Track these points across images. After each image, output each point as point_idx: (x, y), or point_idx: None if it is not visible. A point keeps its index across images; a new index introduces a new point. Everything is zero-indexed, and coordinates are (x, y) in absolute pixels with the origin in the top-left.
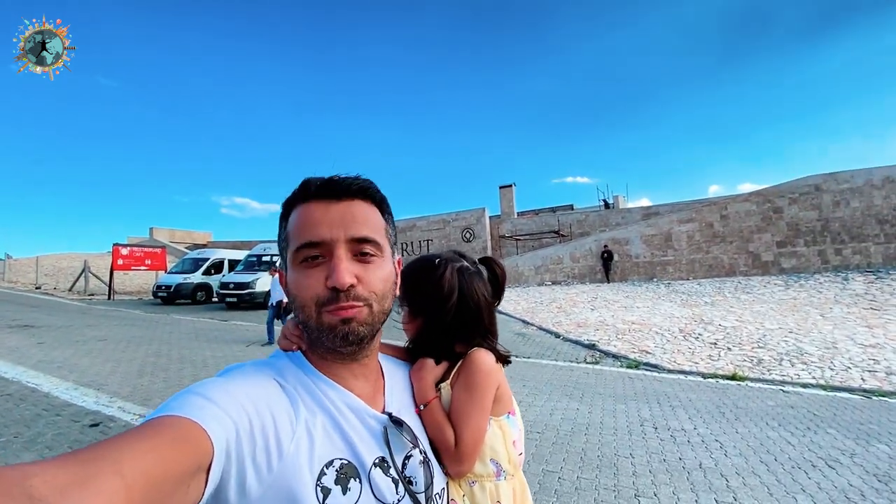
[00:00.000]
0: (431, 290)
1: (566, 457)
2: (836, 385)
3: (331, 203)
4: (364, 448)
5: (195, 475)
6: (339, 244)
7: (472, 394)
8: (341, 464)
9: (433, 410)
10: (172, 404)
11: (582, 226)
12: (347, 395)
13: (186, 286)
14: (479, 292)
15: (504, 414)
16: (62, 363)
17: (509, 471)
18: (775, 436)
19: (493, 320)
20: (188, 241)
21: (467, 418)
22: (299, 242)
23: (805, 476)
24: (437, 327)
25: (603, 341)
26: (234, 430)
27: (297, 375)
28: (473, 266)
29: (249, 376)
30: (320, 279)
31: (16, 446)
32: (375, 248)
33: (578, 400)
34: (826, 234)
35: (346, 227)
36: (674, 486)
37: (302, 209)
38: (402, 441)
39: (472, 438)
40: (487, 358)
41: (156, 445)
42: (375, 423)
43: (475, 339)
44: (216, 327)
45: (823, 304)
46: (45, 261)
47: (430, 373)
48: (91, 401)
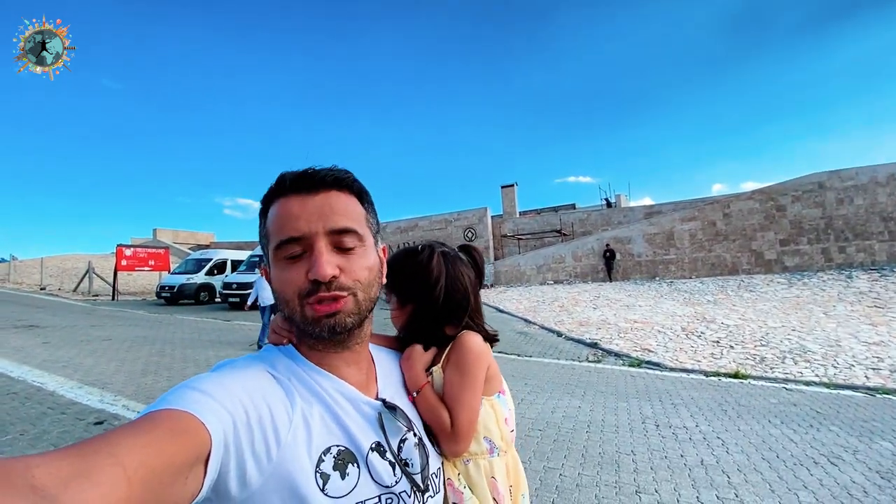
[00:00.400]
0: (419, 276)
1: (567, 454)
2: (840, 383)
3: (307, 196)
4: (360, 434)
5: (193, 467)
6: (319, 237)
7: (464, 375)
8: (339, 450)
9: (426, 395)
10: (169, 398)
11: (584, 225)
12: (341, 384)
13: (190, 286)
14: (465, 274)
15: (495, 393)
16: (67, 362)
17: (502, 447)
18: (777, 433)
19: (479, 301)
20: (191, 241)
21: (461, 399)
22: (279, 238)
23: (807, 473)
24: (427, 313)
25: (605, 340)
26: (231, 421)
27: (290, 367)
28: (453, 252)
29: (243, 369)
30: (301, 273)
31: (21, 444)
32: (356, 239)
33: (580, 398)
34: (830, 232)
35: (325, 220)
36: (675, 482)
37: (279, 204)
38: (396, 425)
39: (468, 418)
40: (477, 339)
41: (154, 438)
42: (370, 409)
43: (464, 321)
44: (219, 327)
45: (827, 302)
46: (49, 262)
47: (420, 359)
48: (95, 399)
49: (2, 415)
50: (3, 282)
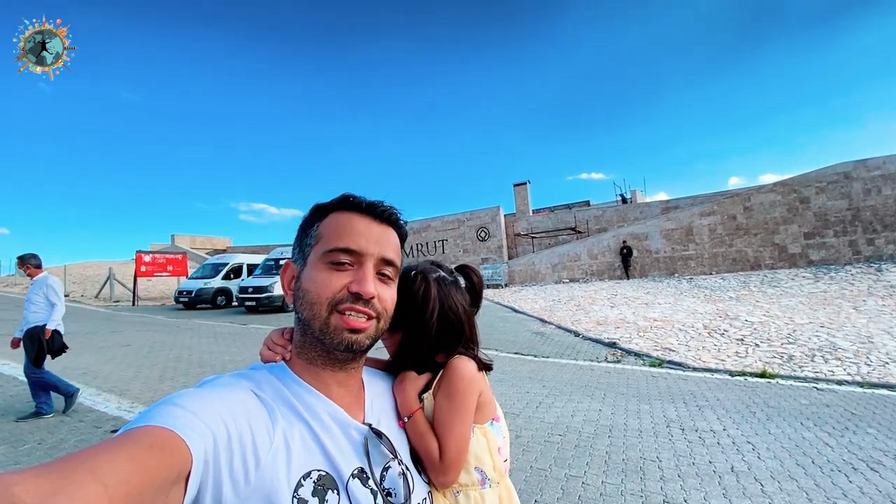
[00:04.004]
0: (410, 304)
1: (589, 461)
2: (874, 381)
3: (373, 222)
4: (342, 459)
5: (174, 484)
6: (372, 259)
7: (453, 401)
8: (319, 475)
9: (416, 422)
10: (151, 415)
11: (599, 222)
12: (329, 404)
13: (207, 291)
14: (458, 302)
15: (487, 421)
16: (86, 369)
17: (494, 478)
18: (811, 437)
19: (474, 329)
20: (208, 246)
21: (450, 427)
22: (336, 244)
23: (846, 480)
24: (418, 341)
25: (624, 339)
26: (211, 439)
27: (275, 387)
28: (451, 275)
29: (227, 388)
30: (342, 282)
31: (39, 453)
32: (394, 273)
33: (600, 400)
34: (857, 224)
35: (381, 247)
36: (705, 491)
37: (345, 217)
38: (381, 452)
39: (456, 448)
40: (468, 365)
41: (135, 454)
42: (356, 434)
43: (456, 349)
44: (235, 331)
45: (856, 297)
46: (72, 269)
47: (412, 385)
48: (113, 406)
49: (21, 423)
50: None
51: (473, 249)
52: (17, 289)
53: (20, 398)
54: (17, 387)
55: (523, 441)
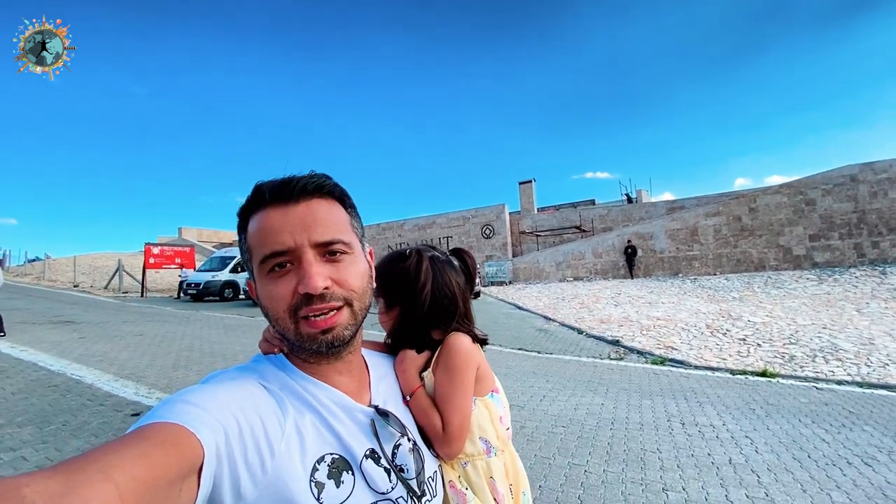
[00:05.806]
0: (405, 280)
1: (592, 451)
2: (874, 382)
3: (288, 206)
4: (353, 441)
5: (186, 479)
6: (305, 249)
7: (452, 376)
8: (332, 458)
9: (419, 398)
10: (160, 411)
11: (604, 221)
12: (333, 392)
13: (214, 283)
14: (452, 279)
15: (487, 393)
16: (102, 356)
17: (498, 447)
18: (808, 433)
19: (469, 306)
20: (215, 240)
21: (451, 400)
22: (263, 253)
23: (840, 473)
24: (414, 317)
25: (627, 337)
26: (222, 433)
27: (280, 378)
28: (444, 256)
29: (234, 381)
30: (290, 287)
31: (64, 434)
32: (344, 247)
33: (603, 395)
34: (862, 227)
35: (309, 232)
36: (703, 480)
37: (260, 217)
38: (389, 431)
39: (458, 420)
40: (464, 340)
41: (145, 451)
42: (363, 417)
43: (451, 326)
44: (243, 323)
45: (860, 299)
46: (81, 260)
47: (413, 363)
48: (131, 392)
49: (45, 406)
50: (39, 279)
51: (478, 247)
52: (27, 279)
53: (41, 382)
54: (37, 371)
55: (528, 431)
